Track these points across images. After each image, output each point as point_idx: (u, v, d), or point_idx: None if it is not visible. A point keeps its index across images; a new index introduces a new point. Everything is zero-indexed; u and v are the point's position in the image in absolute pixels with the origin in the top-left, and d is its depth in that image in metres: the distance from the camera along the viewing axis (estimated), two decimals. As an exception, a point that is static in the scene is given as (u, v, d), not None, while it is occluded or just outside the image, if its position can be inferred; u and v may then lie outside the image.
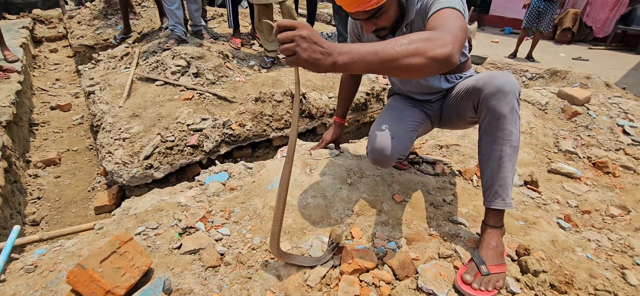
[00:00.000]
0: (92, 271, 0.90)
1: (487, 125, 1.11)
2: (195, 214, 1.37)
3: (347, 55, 0.75)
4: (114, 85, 3.03)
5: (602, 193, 1.61)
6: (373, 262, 1.12)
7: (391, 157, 1.22)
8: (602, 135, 2.02)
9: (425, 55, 0.78)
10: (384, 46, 0.77)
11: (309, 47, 0.73)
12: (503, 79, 1.07)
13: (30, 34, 6.29)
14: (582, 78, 3.41)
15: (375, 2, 1.03)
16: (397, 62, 0.77)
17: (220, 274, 1.13)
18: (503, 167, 1.10)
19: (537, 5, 4.95)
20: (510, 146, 1.09)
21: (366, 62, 0.76)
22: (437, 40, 0.81)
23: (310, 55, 0.73)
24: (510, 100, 1.06)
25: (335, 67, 0.75)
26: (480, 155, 1.17)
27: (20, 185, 2.38)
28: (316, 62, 0.74)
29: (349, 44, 0.77)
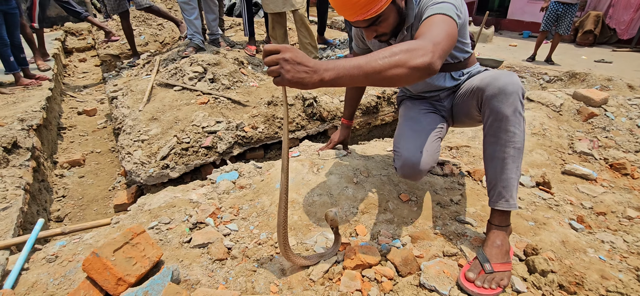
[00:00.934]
0: (105, 260, 0.96)
1: (490, 125, 1.11)
2: (205, 210, 1.42)
3: (333, 71, 0.81)
4: (135, 90, 3.17)
5: (619, 195, 1.55)
6: (376, 258, 1.13)
7: (422, 171, 1.21)
8: (620, 137, 1.95)
9: (406, 65, 0.83)
10: (368, 60, 0.82)
11: (293, 68, 0.79)
12: (505, 79, 1.07)
13: (61, 45, 6.68)
14: (603, 80, 3.30)
15: (373, 12, 1.06)
16: (381, 74, 0.82)
17: (226, 267, 1.17)
18: (506, 168, 1.09)
19: (556, 8, 4.82)
20: (513, 148, 1.08)
21: (352, 76, 0.82)
22: (417, 50, 0.85)
23: (294, 75, 0.79)
24: (513, 101, 1.05)
25: (322, 83, 0.81)
26: (484, 155, 1.16)
27: (47, 184, 2.53)
28: (301, 80, 0.80)
29: (333, 60, 0.83)
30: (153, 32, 5.83)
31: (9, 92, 3.47)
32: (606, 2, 6.97)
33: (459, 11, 1.07)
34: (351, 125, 1.79)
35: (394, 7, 1.12)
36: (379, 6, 1.05)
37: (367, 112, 3.01)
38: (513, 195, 1.11)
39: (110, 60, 5.52)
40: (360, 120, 2.99)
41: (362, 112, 2.99)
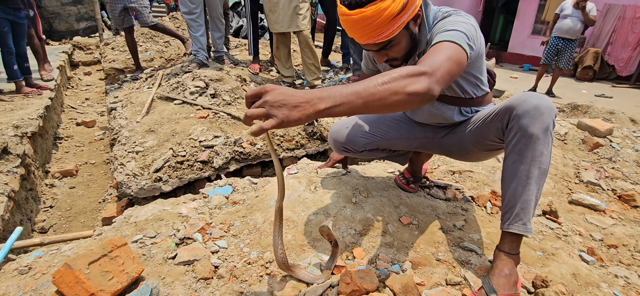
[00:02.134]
0: (78, 272, 0.88)
1: (515, 144, 1.03)
2: (194, 225, 1.34)
3: (328, 99, 0.73)
4: (135, 102, 3.15)
5: (630, 228, 1.47)
6: (373, 284, 1.04)
7: (338, 141, 1.43)
8: (627, 168, 1.89)
9: (404, 92, 0.78)
10: (366, 86, 0.77)
11: (282, 105, 0.71)
12: (540, 99, 1.00)
13: (68, 57, 6.78)
14: (605, 113, 3.28)
15: (384, 37, 1.01)
16: (380, 100, 0.77)
17: (211, 287, 1.08)
18: (528, 188, 1.02)
19: (556, 43, 4.90)
20: (539, 168, 1.01)
21: (350, 104, 0.75)
22: (414, 75, 0.81)
23: (287, 114, 0.70)
24: (545, 120, 0.98)
25: (318, 114, 0.73)
26: (504, 175, 1.08)
27: (36, 193, 2.45)
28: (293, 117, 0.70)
29: (328, 88, 0.75)
30: (159, 48, 5.91)
31: (9, 99, 3.46)
32: (605, 40, 7.12)
33: (471, 41, 1.00)
34: (351, 144, 1.73)
35: (406, 32, 1.06)
36: (391, 31, 1.01)
37: (368, 134, 2.97)
38: (530, 219, 1.03)
39: (115, 74, 5.56)
40: (360, 142, 2.95)
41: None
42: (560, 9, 4.86)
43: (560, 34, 4.81)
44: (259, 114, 0.70)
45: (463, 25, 1.00)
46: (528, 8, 8.71)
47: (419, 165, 1.65)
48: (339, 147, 1.45)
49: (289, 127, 0.71)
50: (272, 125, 0.69)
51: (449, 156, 1.43)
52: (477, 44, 1.05)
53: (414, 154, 1.62)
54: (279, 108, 0.70)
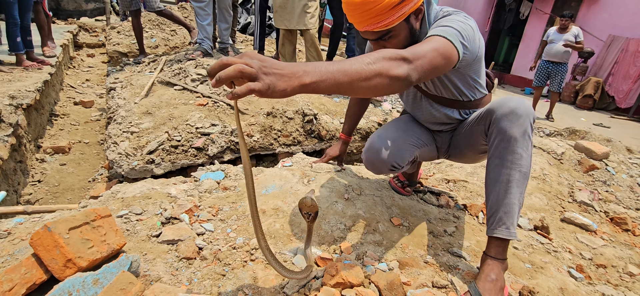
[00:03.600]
0: (57, 236, 0.86)
1: (496, 147, 1.05)
2: (182, 206, 1.32)
3: (314, 74, 0.69)
4: (135, 84, 3.13)
5: (619, 250, 1.46)
6: (359, 279, 1.02)
7: (386, 161, 1.24)
8: (621, 193, 1.89)
9: (387, 74, 0.78)
10: (352, 63, 0.74)
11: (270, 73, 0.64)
12: (517, 102, 1.03)
13: (72, 37, 6.76)
14: (602, 140, 3.29)
15: (383, 25, 1.01)
16: (366, 80, 0.75)
17: (193, 267, 1.06)
18: (510, 192, 1.02)
19: (546, 66, 5.07)
20: (519, 171, 1.02)
21: (336, 81, 0.71)
22: (396, 59, 0.80)
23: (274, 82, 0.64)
24: (522, 122, 1.00)
25: (303, 88, 0.68)
26: (487, 180, 1.09)
27: (25, 166, 2.41)
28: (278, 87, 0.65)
29: (313, 63, 0.72)
30: (165, 36, 5.90)
31: (8, 70, 3.42)
32: (607, 70, 7.19)
33: (466, 41, 1.00)
34: (349, 141, 1.72)
35: (406, 25, 1.06)
36: (390, 20, 1.01)
37: (366, 137, 2.96)
38: (514, 223, 1.03)
39: (118, 57, 5.54)
40: (358, 145, 2.94)
41: (361, 136, 2.94)
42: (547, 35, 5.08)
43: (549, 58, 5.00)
44: (248, 73, 0.62)
45: (459, 24, 1.00)
46: (534, 33, 8.80)
47: (414, 169, 1.64)
48: (385, 167, 1.26)
49: (271, 97, 0.65)
50: (258, 89, 0.62)
51: (450, 159, 1.44)
52: (473, 46, 1.05)
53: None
54: (267, 74, 0.64)
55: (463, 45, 0.99)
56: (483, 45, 1.13)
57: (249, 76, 0.63)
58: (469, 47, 1.03)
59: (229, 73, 0.62)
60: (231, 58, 0.65)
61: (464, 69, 1.15)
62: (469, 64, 1.12)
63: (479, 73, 1.21)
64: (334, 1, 4.03)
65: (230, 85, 0.65)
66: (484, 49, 1.14)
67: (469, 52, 1.04)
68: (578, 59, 7.07)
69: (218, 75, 0.62)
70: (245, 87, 0.62)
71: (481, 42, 1.11)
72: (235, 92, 0.63)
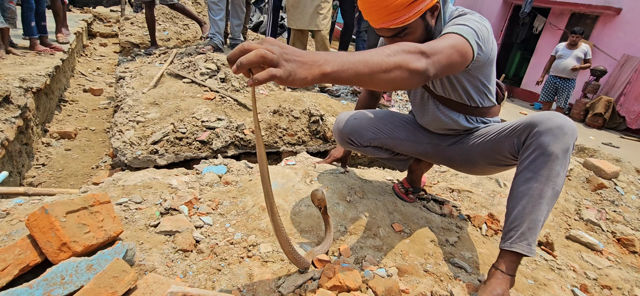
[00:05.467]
0: (54, 218, 0.85)
1: (532, 160, 0.99)
2: (182, 197, 1.31)
3: (335, 63, 0.67)
4: (144, 75, 3.15)
5: (626, 272, 1.42)
6: (356, 283, 1.00)
7: (342, 131, 1.38)
8: (629, 214, 1.84)
9: (407, 67, 0.77)
10: (372, 54, 0.73)
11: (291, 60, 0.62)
12: (564, 119, 0.98)
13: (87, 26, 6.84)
14: (611, 159, 3.23)
15: (399, 22, 1.00)
16: (385, 73, 0.74)
17: (189, 260, 1.04)
18: (539, 208, 0.98)
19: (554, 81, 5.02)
20: (552, 189, 0.97)
21: (356, 71, 0.70)
22: (415, 53, 0.79)
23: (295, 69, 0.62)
24: (567, 140, 0.96)
25: (323, 77, 0.66)
26: (512, 192, 1.04)
27: (30, 149, 2.43)
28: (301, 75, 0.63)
29: (333, 52, 0.70)
30: (177, 30, 5.94)
31: (21, 54, 3.47)
32: (619, 90, 7.08)
33: (480, 41, 0.98)
34: (354, 144, 1.71)
35: (422, 22, 1.04)
36: (407, 17, 0.99)
37: (370, 142, 2.94)
38: (535, 240, 1.00)
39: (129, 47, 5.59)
40: (362, 149, 2.92)
41: (365, 141, 2.92)
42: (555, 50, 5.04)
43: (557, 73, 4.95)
44: (270, 58, 0.60)
45: (476, 23, 0.98)
46: (547, 47, 8.70)
47: (418, 176, 1.62)
48: (343, 138, 1.40)
49: (291, 85, 0.63)
50: (280, 75, 0.60)
51: (452, 166, 1.40)
52: (487, 47, 1.03)
53: (414, 163, 1.58)
54: (288, 61, 0.62)
55: (478, 45, 0.97)
56: (496, 49, 1.11)
57: (270, 62, 0.60)
58: (484, 48, 1.01)
59: (251, 58, 0.59)
60: (252, 43, 0.62)
61: (475, 71, 1.13)
62: (481, 66, 1.10)
63: (489, 78, 1.18)
64: (346, 3, 4.03)
65: (248, 73, 0.63)
66: (496, 53, 1.11)
67: (482, 53, 1.02)
68: (590, 76, 6.97)
69: (239, 61, 0.60)
70: (267, 73, 0.60)
71: (494, 45, 1.09)
72: (256, 77, 0.60)
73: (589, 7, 7.65)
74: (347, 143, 1.41)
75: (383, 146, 1.41)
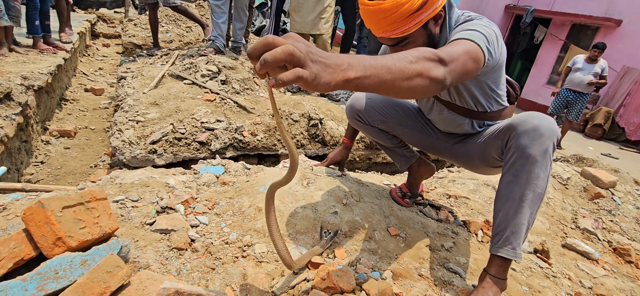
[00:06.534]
0: (49, 213, 0.85)
1: (512, 164, 0.99)
2: (178, 196, 1.32)
3: (359, 68, 0.62)
4: (146, 75, 3.17)
5: (621, 282, 1.42)
6: (350, 285, 1.00)
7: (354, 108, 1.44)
8: (626, 224, 1.84)
9: (428, 74, 0.73)
10: (395, 61, 0.68)
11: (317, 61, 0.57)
12: (540, 119, 0.97)
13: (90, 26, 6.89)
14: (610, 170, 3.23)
15: (400, 32, 0.99)
16: (407, 80, 0.69)
17: (183, 258, 1.05)
18: (521, 212, 0.98)
19: (566, 95, 4.90)
20: (533, 191, 0.97)
21: (379, 78, 0.65)
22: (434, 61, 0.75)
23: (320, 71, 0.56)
24: (544, 141, 0.94)
25: (347, 83, 0.60)
26: (497, 196, 1.05)
27: (30, 147, 2.44)
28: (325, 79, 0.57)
29: (355, 56, 0.65)
30: (180, 32, 5.98)
31: (24, 52, 3.49)
32: (618, 101, 7.11)
33: (490, 46, 0.94)
34: (351, 146, 1.71)
35: (424, 31, 1.03)
36: (407, 27, 0.98)
37: (370, 147, 2.94)
38: (521, 243, 1.00)
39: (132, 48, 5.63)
40: (361, 153, 2.92)
41: (365, 145, 2.93)
42: (572, 62, 4.89)
43: (571, 87, 4.82)
44: (298, 57, 0.54)
45: (484, 28, 0.96)
46: (547, 58, 8.76)
47: (417, 181, 1.62)
48: (353, 113, 1.45)
49: (314, 89, 0.57)
50: (306, 77, 0.54)
51: (457, 164, 1.41)
52: (497, 52, 0.99)
53: (415, 167, 1.59)
54: (314, 62, 0.56)
55: (488, 51, 0.93)
56: (505, 53, 1.07)
57: (297, 61, 0.54)
58: (494, 54, 0.98)
59: (277, 56, 0.53)
60: (277, 37, 0.56)
61: (483, 76, 1.10)
62: (489, 71, 1.07)
63: (497, 82, 1.15)
64: (347, 9, 4.07)
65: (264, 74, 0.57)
66: (505, 57, 1.08)
67: (492, 59, 0.98)
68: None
69: (263, 58, 0.53)
70: (293, 73, 0.53)
71: (503, 49, 1.05)
72: (281, 78, 0.53)
73: (590, 19, 7.70)
74: (355, 120, 1.46)
75: (390, 131, 1.43)
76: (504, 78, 1.20)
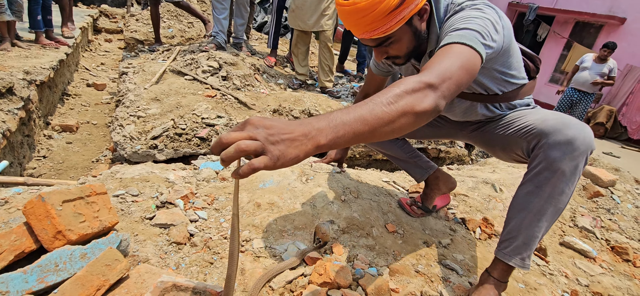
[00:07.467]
0: (50, 207, 0.87)
1: (536, 174, 0.92)
2: (178, 191, 1.33)
3: (330, 131, 0.59)
4: (147, 71, 3.18)
5: (618, 280, 1.42)
6: (347, 281, 1.01)
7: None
8: (625, 223, 1.84)
9: (413, 111, 0.66)
10: (370, 109, 0.63)
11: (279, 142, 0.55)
12: (578, 130, 0.87)
13: (92, 21, 6.90)
14: (611, 168, 3.22)
15: (381, 32, 0.91)
16: (389, 125, 0.64)
17: (182, 252, 1.06)
18: (537, 225, 0.94)
19: (571, 94, 4.86)
20: (554, 207, 0.92)
21: (355, 133, 0.60)
22: (420, 90, 0.68)
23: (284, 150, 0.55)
24: (577, 157, 0.86)
25: (319, 149, 0.59)
26: (514, 201, 0.99)
27: (32, 141, 2.46)
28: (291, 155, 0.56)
29: (326, 115, 0.61)
30: (182, 27, 5.98)
31: (26, 47, 3.50)
32: (621, 100, 7.07)
33: (487, 40, 0.84)
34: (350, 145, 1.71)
35: (408, 28, 0.94)
36: (388, 27, 0.90)
37: (369, 144, 2.95)
38: (530, 255, 0.98)
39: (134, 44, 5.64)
40: (361, 151, 2.93)
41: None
42: (580, 60, 4.84)
43: (576, 86, 4.78)
44: (253, 148, 0.54)
45: (476, 21, 0.85)
46: (550, 55, 8.70)
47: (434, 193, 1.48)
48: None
49: (281, 167, 0.56)
50: (265, 164, 0.54)
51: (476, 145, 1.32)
52: (497, 40, 0.87)
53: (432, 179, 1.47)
54: (275, 144, 0.55)
55: (485, 46, 0.83)
56: (510, 33, 0.95)
57: (254, 152, 0.54)
58: (493, 45, 0.86)
59: (231, 155, 0.53)
60: (232, 133, 0.56)
61: (488, 64, 1.00)
62: (493, 58, 0.97)
63: (508, 64, 1.04)
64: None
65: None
66: (511, 36, 0.96)
67: (492, 50, 0.87)
68: (593, 85, 6.96)
69: (220, 158, 0.55)
70: (248, 167, 0.54)
71: (507, 31, 0.93)
72: (238, 172, 0.55)
73: (593, 16, 7.64)
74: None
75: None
76: (516, 57, 1.06)
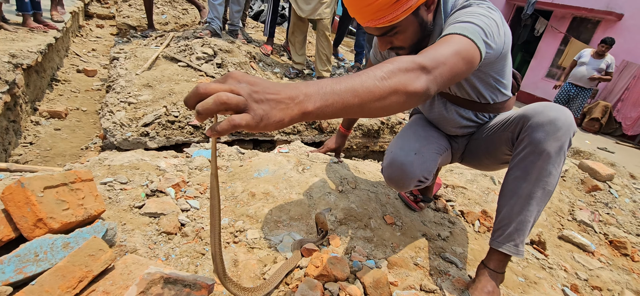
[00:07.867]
0: (30, 193, 0.81)
1: (522, 158, 0.92)
2: (169, 180, 1.28)
3: (318, 97, 0.55)
4: (139, 57, 3.09)
5: (616, 274, 1.41)
6: (344, 273, 0.98)
7: (412, 175, 1.06)
8: (623, 217, 1.84)
9: (405, 90, 0.64)
10: (362, 81, 0.60)
11: (263, 101, 0.51)
12: (558, 111, 0.89)
13: (84, 5, 6.70)
14: (606, 163, 3.23)
15: (387, 21, 0.89)
16: (379, 101, 0.62)
17: (172, 243, 1.01)
18: (527, 209, 0.93)
19: (568, 90, 4.88)
20: (543, 189, 0.91)
21: (344, 103, 0.58)
22: (414, 71, 0.66)
23: (268, 111, 0.51)
24: (561, 136, 0.87)
25: (305, 115, 0.55)
26: (503, 189, 0.99)
27: (18, 127, 2.37)
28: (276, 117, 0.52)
29: (315, 82, 0.58)
30: (176, 14, 5.83)
31: (13, 30, 3.37)
32: (616, 96, 7.10)
33: (489, 39, 0.83)
34: (348, 135, 1.67)
35: (415, 19, 0.92)
36: (394, 16, 0.87)
37: (368, 135, 2.91)
38: (524, 240, 0.95)
39: (126, 29, 5.49)
40: (358, 142, 2.89)
41: (362, 133, 2.89)
42: (578, 55, 4.84)
43: (574, 81, 4.79)
44: (235, 103, 0.49)
45: (482, 18, 0.83)
46: (547, 50, 8.70)
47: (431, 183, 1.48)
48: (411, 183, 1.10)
49: (264, 130, 0.52)
50: (247, 123, 0.49)
51: (463, 163, 1.31)
52: (497, 42, 0.87)
53: None
54: (259, 102, 0.51)
55: (486, 44, 0.82)
56: (510, 40, 0.96)
57: (235, 107, 0.49)
58: (493, 45, 0.86)
59: (209, 107, 0.48)
60: (211, 84, 0.51)
61: (485, 68, 1.01)
62: (491, 62, 0.97)
63: (502, 72, 1.05)
64: (347, -6, 3.98)
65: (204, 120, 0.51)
66: (510, 44, 0.97)
67: (492, 51, 0.87)
68: (589, 80, 6.97)
69: (196, 110, 0.49)
70: (227, 123, 0.49)
71: (507, 38, 0.94)
72: (216, 128, 0.50)
73: (591, 12, 7.63)
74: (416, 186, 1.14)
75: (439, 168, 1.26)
76: (509, 68, 1.08)
